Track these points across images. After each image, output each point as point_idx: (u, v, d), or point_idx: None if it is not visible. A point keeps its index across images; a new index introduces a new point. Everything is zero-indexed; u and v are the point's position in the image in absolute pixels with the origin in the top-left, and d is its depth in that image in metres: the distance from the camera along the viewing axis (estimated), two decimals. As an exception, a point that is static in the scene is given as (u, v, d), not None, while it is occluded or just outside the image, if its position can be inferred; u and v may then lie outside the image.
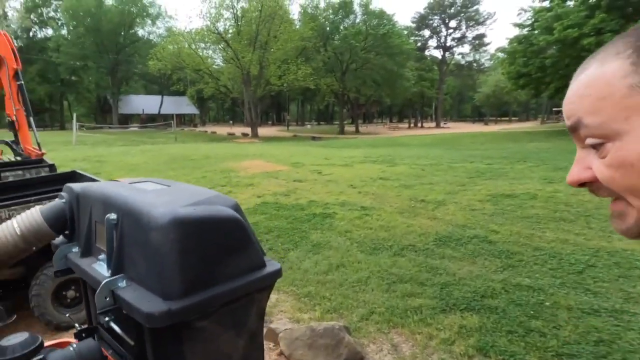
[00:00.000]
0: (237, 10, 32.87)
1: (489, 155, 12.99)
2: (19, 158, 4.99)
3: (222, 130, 44.00)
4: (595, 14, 21.76)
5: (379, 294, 3.06)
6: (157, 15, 49.46)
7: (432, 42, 59.61)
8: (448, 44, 58.61)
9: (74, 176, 3.44)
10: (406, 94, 47.30)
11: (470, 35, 58.41)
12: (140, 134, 33.90)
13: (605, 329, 2.45)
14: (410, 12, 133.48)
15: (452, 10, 56.09)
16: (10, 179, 3.79)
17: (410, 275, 3.35)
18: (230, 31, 33.69)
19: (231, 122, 67.43)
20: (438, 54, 60.10)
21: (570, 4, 24.93)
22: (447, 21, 57.13)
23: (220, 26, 33.02)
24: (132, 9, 45.85)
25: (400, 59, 40.43)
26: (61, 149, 16.80)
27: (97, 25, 41.97)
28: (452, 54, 61.50)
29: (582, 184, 0.45)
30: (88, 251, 0.89)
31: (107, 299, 0.71)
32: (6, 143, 5.29)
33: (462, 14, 56.38)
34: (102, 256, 0.82)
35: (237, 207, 0.81)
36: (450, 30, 57.75)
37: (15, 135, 5.02)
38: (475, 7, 55.54)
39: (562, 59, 23.74)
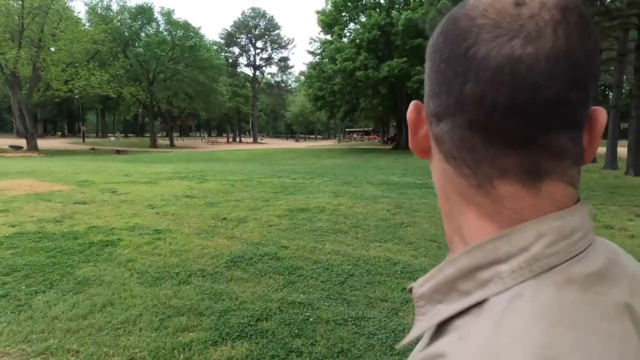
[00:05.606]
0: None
1: (295, 170, 13.94)
2: None
3: (-23, 141, 34.72)
4: (361, 52, 26.83)
5: (147, 334, 2.66)
6: None
7: (243, 60, 61.89)
8: (257, 63, 61.80)
9: None
10: (221, 108, 47.38)
11: (276, 57, 63.13)
12: None
13: (347, 338, 2.66)
14: (218, 28, 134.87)
15: (257, 32, 59.49)
16: None
17: (189, 306, 3.06)
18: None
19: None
20: (249, 71, 62.56)
21: (345, 40, 29.96)
22: (254, 41, 60.23)
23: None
24: None
25: (211, 73, 40.16)
26: None
27: None
28: (262, 73, 65.11)
29: None
30: None
31: None
32: None
33: (267, 36, 60.49)
34: None
35: None
36: (258, 50, 61.12)
37: None
38: (277, 32, 60.54)
39: (345, 86, 28.33)
